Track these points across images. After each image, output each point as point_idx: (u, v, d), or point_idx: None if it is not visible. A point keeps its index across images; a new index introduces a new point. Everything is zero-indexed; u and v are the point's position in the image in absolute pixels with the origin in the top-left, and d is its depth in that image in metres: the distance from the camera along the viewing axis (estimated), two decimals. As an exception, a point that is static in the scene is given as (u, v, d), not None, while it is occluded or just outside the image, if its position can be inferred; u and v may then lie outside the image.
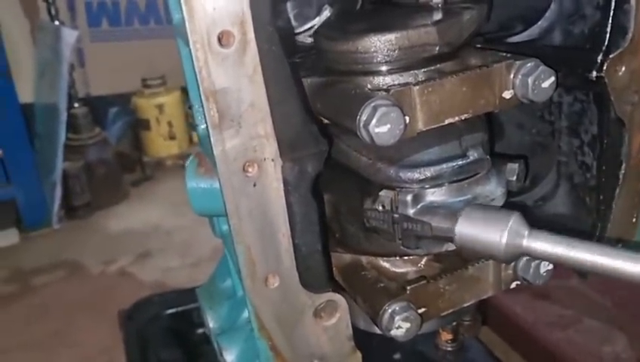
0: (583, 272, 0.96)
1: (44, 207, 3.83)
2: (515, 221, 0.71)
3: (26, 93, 3.96)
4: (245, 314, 0.91)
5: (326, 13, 0.96)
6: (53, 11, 4.03)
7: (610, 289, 2.00)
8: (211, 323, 0.95)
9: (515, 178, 0.89)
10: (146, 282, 3.20)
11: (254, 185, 0.69)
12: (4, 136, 3.69)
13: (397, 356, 1.90)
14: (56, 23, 4.04)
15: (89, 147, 4.10)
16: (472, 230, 0.73)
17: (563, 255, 0.69)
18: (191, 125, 4.76)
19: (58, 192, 3.80)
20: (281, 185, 0.70)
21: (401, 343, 1.84)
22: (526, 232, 0.71)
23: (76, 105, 4.13)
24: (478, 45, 0.93)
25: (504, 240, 0.70)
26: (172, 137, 4.64)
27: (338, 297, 0.79)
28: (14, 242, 3.71)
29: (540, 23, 0.92)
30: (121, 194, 4.25)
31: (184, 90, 4.56)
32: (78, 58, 4.53)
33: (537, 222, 0.98)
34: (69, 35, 3.79)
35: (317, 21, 0.96)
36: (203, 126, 0.83)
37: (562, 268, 0.94)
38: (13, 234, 3.73)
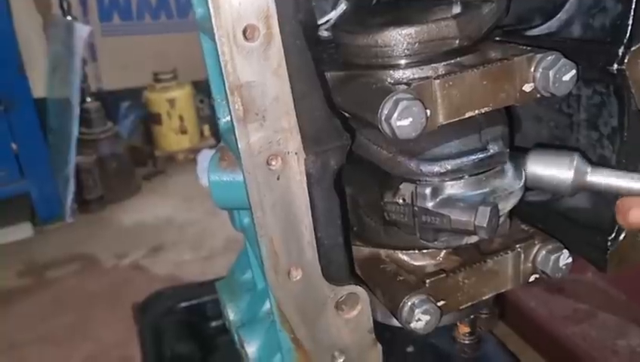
0: (601, 265, 0.97)
1: (58, 201, 3.85)
2: (577, 160, 0.83)
3: (39, 88, 3.98)
4: (266, 306, 0.92)
5: (342, 6, 0.96)
6: (65, 6, 4.06)
7: (625, 283, 1.99)
8: (231, 315, 0.96)
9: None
10: (159, 275, 3.22)
11: (278, 179, 0.69)
12: (18, 131, 3.71)
13: (410, 349, 1.90)
14: (69, 18, 4.06)
15: (101, 141, 4.12)
16: (541, 170, 0.85)
17: (622, 186, 0.80)
18: (202, 119, 4.78)
19: (71, 186, 3.82)
20: (304, 179, 0.71)
21: (415, 336, 1.85)
22: (589, 169, 0.83)
23: (88, 99, 4.15)
24: (497, 38, 0.92)
25: (571, 177, 0.82)
26: (183, 131, 4.65)
27: (359, 290, 0.79)
28: (28, 236, 3.73)
29: (559, 15, 0.91)
30: (133, 188, 4.27)
31: (195, 85, 4.59)
32: (90, 53, 4.55)
33: (556, 215, 0.99)
34: (82, 30, 3.80)
35: (333, 15, 0.96)
36: (225, 119, 0.84)
37: (579, 261, 0.94)
38: (27, 227, 3.76)
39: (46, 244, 3.64)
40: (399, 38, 0.79)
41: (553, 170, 0.84)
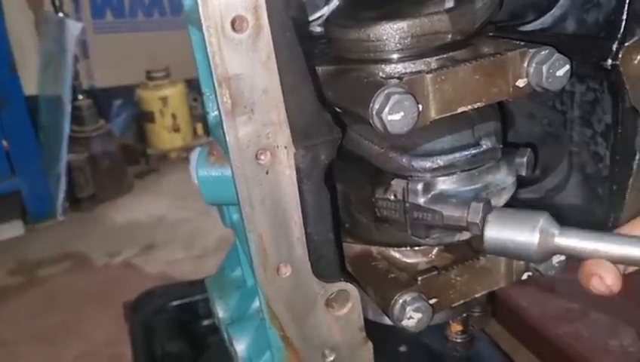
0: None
1: (49, 198, 3.83)
2: (545, 220, 0.71)
3: (30, 85, 3.96)
4: (255, 303, 0.90)
5: (335, 2, 0.95)
6: (57, 3, 4.03)
7: (618, 283, 1.98)
8: (221, 313, 0.95)
9: (523, 169, 0.89)
10: (151, 274, 3.20)
11: (267, 173, 0.68)
12: (9, 129, 3.69)
13: (402, 348, 1.89)
14: (61, 14, 4.03)
15: (93, 139, 4.09)
16: (502, 234, 0.73)
17: (598, 250, 0.70)
18: (195, 117, 4.76)
19: (62, 184, 3.80)
20: (294, 173, 0.69)
21: (406, 335, 1.84)
22: (557, 231, 0.71)
23: (80, 97, 4.12)
24: (491, 34, 0.92)
25: (536, 240, 0.71)
26: (176, 130, 4.63)
27: (350, 287, 0.78)
28: (19, 234, 3.71)
29: (552, 11, 0.91)
30: (125, 186, 4.25)
31: (188, 83, 4.57)
32: (82, 50, 4.52)
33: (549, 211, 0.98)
34: (73, 27, 3.78)
35: (326, 10, 0.95)
36: (214, 113, 0.83)
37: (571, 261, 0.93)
38: (18, 225, 3.74)
39: (37, 242, 3.62)
40: (391, 32, 0.79)
41: (516, 233, 0.72)
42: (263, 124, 0.66)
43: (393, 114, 0.68)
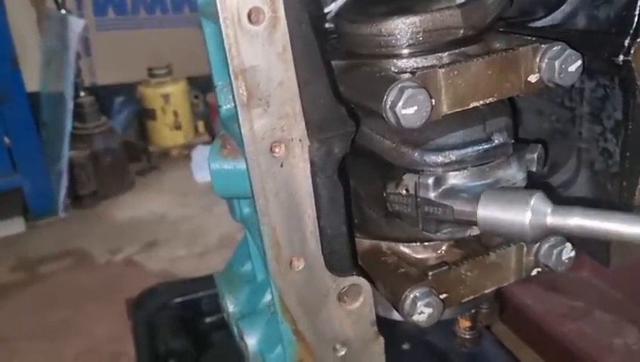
0: (603, 259, 0.96)
1: (51, 195, 3.82)
2: (537, 199, 0.69)
3: (32, 81, 3.95)
4: (266, 298, 0.90)
5: (342, -2, 0.95)
6: (59, 0, 4.02)
7: (622, 282, 1.98)
8: (231, 307, 0.95)
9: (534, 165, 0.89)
10: (152, 271, 3.19)
11: (281, 166, 0.68)
12: (11, 125, 3.67)
13: (406, 346, 1.89)
14: (63, 11, 4.02)
15: (95, 136, 4.08)
16: (495, 212, 0.72)
17: (590, 228, 0.67)
18: (197, 115, 4.76)
19: (64, 181, 3.79)
20: (308, 166, 0.69)
21: (411, 332, 1.84)
22: (549, 209, 0.69)
23: (82, 94, 4.11)
24: (501, 30, 0.92)
25: (527, 219, 0.69)
26: (178, 127, 4.62)
27: (362, 281, 0.78)
28: (21, 231, 3.70)
29: (563, 7, 0.91)
30: (127, 183, 4.24)
31: (190, 80, 4.57)
32: (84, 47, 4.52)
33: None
34: (76, 24, 3.77)
35: (333, 6, 0.95)
36: (227, 106, 0.83)
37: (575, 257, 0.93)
38: (19, 222, 3.72)
39: (39, 239, 3.61)
40: (403, 27, 0.79)
41: (507, 212, 0.71)
42: (278, 117, 0.66)
43: (407, 108, 0.69)
